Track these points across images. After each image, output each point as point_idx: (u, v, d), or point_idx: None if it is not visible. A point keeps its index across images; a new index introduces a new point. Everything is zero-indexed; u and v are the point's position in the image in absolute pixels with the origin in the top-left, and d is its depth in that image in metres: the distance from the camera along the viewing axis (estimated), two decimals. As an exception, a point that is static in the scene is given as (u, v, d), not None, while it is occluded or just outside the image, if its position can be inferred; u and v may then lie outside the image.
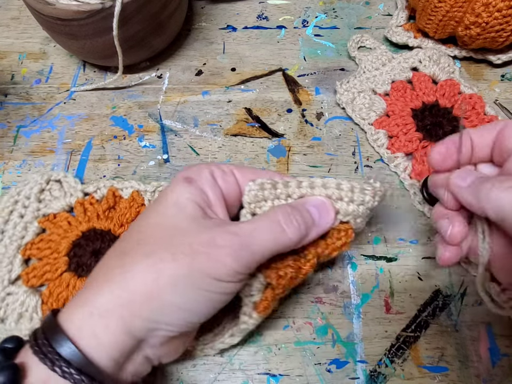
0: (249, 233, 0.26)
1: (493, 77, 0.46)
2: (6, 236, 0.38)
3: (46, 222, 0.38)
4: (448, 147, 0.30)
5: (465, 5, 0.41)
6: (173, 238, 0.26)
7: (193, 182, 0.28)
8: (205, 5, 0.53)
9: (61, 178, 0.40)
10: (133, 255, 0.26)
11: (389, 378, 0.33)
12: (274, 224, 0.27)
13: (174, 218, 0.27)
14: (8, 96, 0.47)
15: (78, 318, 0.25)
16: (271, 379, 0.33)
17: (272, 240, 0.27)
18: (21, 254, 0.37)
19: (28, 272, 0.36)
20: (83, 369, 0.23)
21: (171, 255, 0.25)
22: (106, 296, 0.25)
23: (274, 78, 0.47)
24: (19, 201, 0.39)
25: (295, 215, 0.28)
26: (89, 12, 0.38)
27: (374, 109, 0.43)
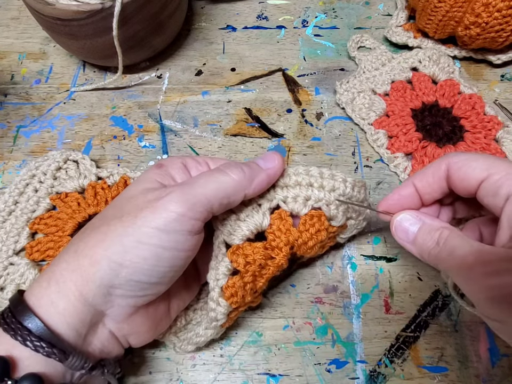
0: (191, 181, 0.28)
1: (492, 77, 0.46)
2: (18, 208, 0.39)
3: (57, 200, 0.39)
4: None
5: (465, 5, 0.41)
6: (124, 206, 0.27)
7: (163, 167, 0.30)
8: (205, 5, 0.53)
9: (78, 159, 0.41)
10: (90, 228, 0.28)
11: (389, 378, 0.33)
12: (216, 170, 0.29)
13: (132, 191, 0.28)
14: (8, 96, 0.47)
15: (37, 290, 0.26)
16: (270, 379, 0.33)
17: (214, 182, 0.27)
18: (29, 227, 0.38)
19: (32, 245, 0.37)
20: (43, 336, 0.24)
21: (118, 218, 0.26)
22: (61, 264, 0.26)
23: (274, 78, 0.47)
24: (36, 175, 0.41)
25: (237, 164, 0.29)
26: (89, 12, 0.38)
27: (373, 109, 0.43)
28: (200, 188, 0.27)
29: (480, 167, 0.27)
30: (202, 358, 0.34)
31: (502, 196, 0.26)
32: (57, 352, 0.24)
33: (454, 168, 0.28)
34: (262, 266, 0.30)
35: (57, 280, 0.26)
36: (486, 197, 0.27)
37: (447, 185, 0.29)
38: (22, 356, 0.24)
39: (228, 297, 0.29)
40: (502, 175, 0.26)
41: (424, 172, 0.30)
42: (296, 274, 0.37)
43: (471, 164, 0.27)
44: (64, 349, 0.24)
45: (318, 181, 0.31)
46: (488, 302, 0.24)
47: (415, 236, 0.29)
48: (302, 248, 0.32)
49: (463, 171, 0.27)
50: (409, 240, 0.29)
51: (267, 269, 0.30)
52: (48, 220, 0.38)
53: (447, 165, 0.28)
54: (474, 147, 0.40)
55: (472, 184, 0.27)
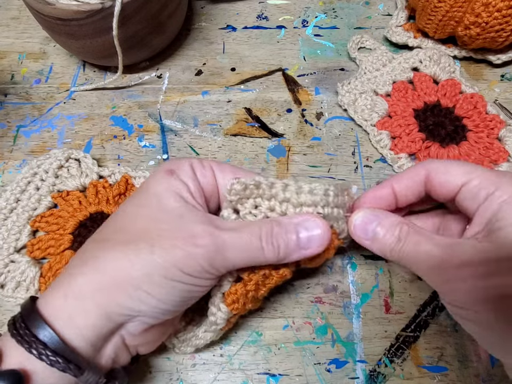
0: (228, 241, 0.26)
1: (492, 77, 0.46)
2: (20, 205, 0.39)
3: (58, 198, 0.39)
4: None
5: (465, 5, 0.41)
6: (152, 229, 0.26)
7: (174, 173, 0.28)
8: (205, 5, 0.53)
9: (80, 157, 0.41)
10: (111, 242, 0.26)
11: (389, 378, 0.33)
12: (255, 239, 0.27)
13: (154, 208, 0.27)
14: (8, 96, 0.47)
15: (53, 301, 0.25)
16: (270, 379, 0.33)
17: (247, 255, 0.27)
18: (30, 224, 0.38)
19: (33, 243, 0.37)
20: (59, 351, 0.24)
21: (149, 247, 0.25)
22: (80, 279, 0.25)
23: (274, 78, 0.47)
24: (38, 173, 0.40)
25: (278, 237, 0.27)
26: (89, 12, 0.38)
27: (376, 110, 0.43)
28: (231, 255, 0.26)
29: (460, 173, 0.28)
30: (202, 358, 0.34)
31: (481, 198, 0.27)
32: (73, 368, 0.24)
33: (434, 173, 0.29)
34: (266, 276, 0.30)
35: (76, 295, 0.25)
36: (465, 201, 0.28)
37: (424, 190, 0.30)
38: (36, 369, 0.24)
39: (229, 303, 0.29)
40: (481, 180, 0.27)
41: (403, 175, 0.30)
42: (296, 274, 0.37)
43: (451, 169, 0.28)
44: (79, 364, 0.24)
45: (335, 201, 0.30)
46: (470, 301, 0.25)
47: (374, 233, 0.29)
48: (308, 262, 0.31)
49: (444, 177, 0.28)
50: (368, 238, 0.29)
51: (270, 279, 0.30)
52: (50, 218, 0.38)
53: (426, 171, 0.29)
54: (478, 146, 0.40)
55: (452, 188, 0.28)
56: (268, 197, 0.29)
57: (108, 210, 0.38)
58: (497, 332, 0.25)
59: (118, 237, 0.27)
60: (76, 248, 0.37)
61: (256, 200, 0.29)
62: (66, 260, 0.36)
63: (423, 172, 0.29)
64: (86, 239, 0.36)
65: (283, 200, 0.29)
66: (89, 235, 0.37)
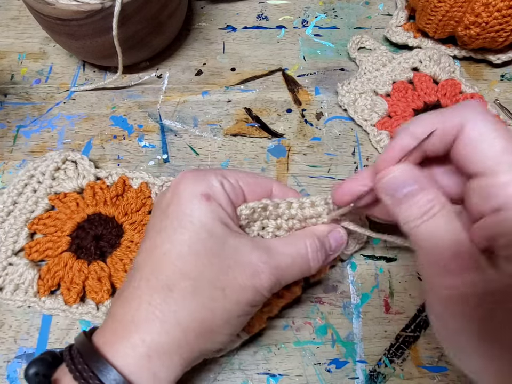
0: (283, 267, 0.28)
1: (492, 77, 0.46)
2: (17, 208, 0.39)
3: (56, 200, 0.39)
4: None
5: (465, 5, 0.41)
6: (217, 270, 0.26)
7: (211, 199, 0.27)
8: (205, 5, 0.53)
9: (77, 159, 0.41)
10: (180, 291, 0.26)
11: (389, 378, 0.33)
12: (304, 259, 0.29)
13: (209, 244, 0.26)
14: (8, 96, 0.47)
15: (132, 358, 0.25)
16: (270, 379, 0.33)
17: (298, 274, 0.30)
18: (28, 227, 0.38)
19: (31, 245, 0.37)
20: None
21: (221, 292, 0.26)
22: (162, 336, 0.26)
23: (274, 78, 0.47)
24: (34, 176, 0.40)
25: (322, 252, 0.30)
26: (89, 12, 0.38)
27: (376, 110, 0.43)
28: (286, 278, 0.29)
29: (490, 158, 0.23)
30: (202, 358, 0.34)
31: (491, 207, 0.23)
32: None
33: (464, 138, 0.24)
34: (279, 296, 0.33)
35: (160, 354, 0.25)
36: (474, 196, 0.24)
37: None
38: None
39: (247, 328, 0.32)
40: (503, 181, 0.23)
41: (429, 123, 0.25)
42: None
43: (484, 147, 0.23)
44: None
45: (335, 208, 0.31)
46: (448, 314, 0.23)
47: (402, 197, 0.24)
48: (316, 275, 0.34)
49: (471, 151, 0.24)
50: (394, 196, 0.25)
51: (283, 299, 0.33)
52: (47, 220, 0.38)
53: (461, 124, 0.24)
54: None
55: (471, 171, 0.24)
56: (274, 217, 0.31)
57: (106, 212, 0.38)
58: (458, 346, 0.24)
59: (184, 284, 0.26)
60: (74, 251, 0.37)
61: (263, 222, 0.31)
62: (65, 261, 0.36)
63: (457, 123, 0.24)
64: (84, 241, 0.37)
65: (289, 218, 0.31)
66: (87, 237, 0.37)
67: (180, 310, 0.26)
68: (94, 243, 0.37)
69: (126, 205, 0.38)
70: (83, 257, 0.37)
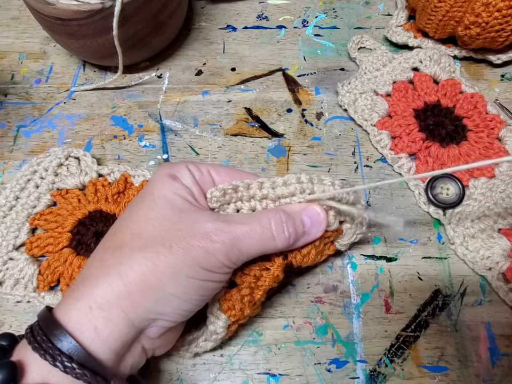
0: (240, 235, 0.27)
1: (492, 77, 0.46)
2: (19, 203, 0.39)
3: (58, 196, 0.39)
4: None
5: (465, 5, 0.41)
6: (166, 231, 0.27)
7: (177, 178, 0.29)
8: (205, 5, 0.53)
9: (80, 156, 0.41)
10: (129, 248, 0.26)
11: (389, 378, 0.33)
12: (267, 231, 0.28)
13: (164, 211, 0.28)
14: (8, 96, 0.47)
15: (76, 312, 0.25)
16: (271, 379, 0.33)
17: (260, 245, 0.28)
18: (29, 222, 0.38)
19: (32, 241, 0.37)
20: (85, 363, 0.23)
21: (168, 249, 0.26)
22: (104, 288, 0.25)
23: (274, 78, 0.47)
24: (37, 171, 0.40)
25: (288, 225, 0.29)
26: (89, 12, 0.38)
27: (376, 110, 0.43)
28: (245, 247, 0.28)
29: None
30: (202, 358, 0.34)
31: None
32: (100, 380, 0.24)
33: None
34: (257, 277, 0.30)
35: (101, 305, 0.25)
36: None
37: None
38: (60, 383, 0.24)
39: (225, 310, 0.30)
40: None
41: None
42: (296, 274, 0.37)
43: None
44: (106, 376, 0.24)
45: (309, 186, 0.30)
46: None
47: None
48: (298, 257, 0.31)
49: None
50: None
51: (263, 280, 0.31)
52: (49, 216, 0.38)
53: None
54: (478, 146, 0.40)
55: None
56: (247, 198, 0.30)
57: (107, 209, 0.38)
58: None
59: (134, 243, 0.27)
60: (74, 247, 0.37)
61: (237, 204, 0.30)
62: (65, 257, 0.36)
63: None
64: (84, 238, 0.37)
65: (262, 198, 0.30)
66: (88, 234, 0.37)
67: (123, 263, 0.26)
68: (95, 239, 0.37)
69: (127, 202, 0.39)
70: (83, 253, 0.37)
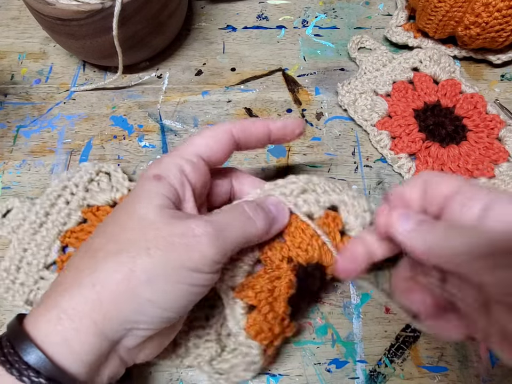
0: (222, 221, 0.27)
1: (492, 77, 0.46)
2: (50, 220, 0.38)
3: (89, 213, 0.38)
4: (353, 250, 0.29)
5: (465, 5, 0.41)
6: (144, 232, 0.25)
7: (162, 179, 0.27)
8: (205, 5, 0.53)
9: (111, 171, 0.40)
10: (103, 253, 0.25)
11: (389, 378, 0.33)
12: (244, 215, 0.28)
13: (143, 210, 0.26)
14: (8, 96, 0.47)
15: (45, 323, 0.23)
16: (270, 379, 0.33)
17: (242, 230, 0.27)
18: (60, 240, 0.37)
19: (63, 259, 0.36)
20: (53, 377, 0.22)
21: (145, 250, 0.24)
22: (75, 298, 0.24)
23: (274, 78, 0.47)
24: (68, 187, 0.39)
25: (260, 210, 0.29)
26: (89, 12, 0.38)
27: (376, 110, 0.43)
28: (229, 233, 0.26)
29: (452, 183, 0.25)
30: (202, 358, 0.34)
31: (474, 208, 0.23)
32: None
33: (429, 181, 0.26)
34: (271, 290, 0.30)
35: (71, 316, 0.23)
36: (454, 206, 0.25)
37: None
38: None
39: (254, 336, 0.29)
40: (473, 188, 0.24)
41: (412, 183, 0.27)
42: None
43: (444, 179, 0.26)
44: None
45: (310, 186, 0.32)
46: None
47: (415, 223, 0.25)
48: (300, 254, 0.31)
49: (435, 182, 0.26)
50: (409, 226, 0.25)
51: (278, 291, 0.30)
52: (80, 233, 0.37)
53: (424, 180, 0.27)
54: (478, 146, 0.40)
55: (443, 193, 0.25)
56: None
57: None
58: None
59: (109, 247, 0.25)
60: None
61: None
62: None
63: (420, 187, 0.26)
64: None
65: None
66: None
67: (98, 271, 0.24)
68: None
69: None
70: None
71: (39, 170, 0.42)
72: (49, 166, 0.43)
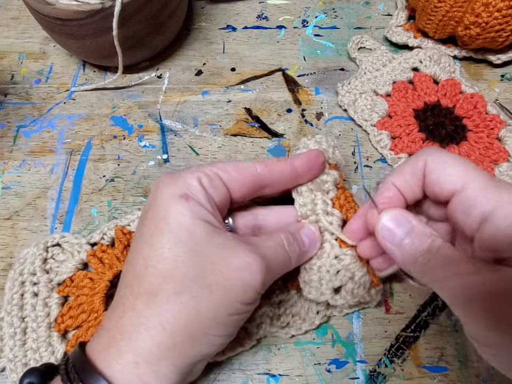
0: (270, 258, 0.27)
1: (492, 77, 0.46)
2: (29, 321, 0.34)
3: (66, 289, 0.35)
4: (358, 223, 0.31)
5: (465, 5, 0.41)
6: (200, 268, 0.25)
7: (190, 198, 0.27)
8: (205, 5, 0.53)
9: (58, 241, 0.37)
10: (164, 295, 0.25)
11: (389, 378, 0.33)
12: (283, 250, 0.29)
13: (189, 244, 0.26)
14: (8, 96, 0.47)
15: (121, 367, 0.24)
16: (270, 379, 0.33)
17: (283, 265, 0.29)
18: (56, 330, 0.34)
19: (72, 345, 0.33)
20: None
21: (207, 288, 0.25)
22: (148, 342, 0.25)
23: (274, 78, 0.47)
24: (25, 281, 0.35)
25: (295, 244, 0.30)
26: (89, 12, 0.38)
27: (376, 110, 0.43)
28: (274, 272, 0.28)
29: (456, 176, 0.25)
30: (202, 358, 0.34)
31: (475, 217, 0.24)
32: None
33: (429, 168, 0.26)
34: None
35: (147, 360, 0.24)
36: (456, 213, 0.25)
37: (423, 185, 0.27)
38: None
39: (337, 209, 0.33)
40: (476, 192, 0.24)
41: (402, 171, 0.28)
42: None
43: (447, 169, 0.26)
44: None
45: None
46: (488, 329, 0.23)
47: (402, 239, 0.26)
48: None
49: (437, 176, 0.26)
50: (394, 242, 0.26)
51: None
52: (71, 312, 0.34)
53: (424, 162, 0.27)
54: (478, 146, 0.40)
55: (444, 193, 0.26)
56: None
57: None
58: None
59: (168, 287, 0.25)
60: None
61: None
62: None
63: (421, 163, 0.27)
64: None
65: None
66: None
67: (163, 313, 0.25)
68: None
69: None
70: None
71: (39, 170, 0.42)
72: (49, 166, 0.43)
